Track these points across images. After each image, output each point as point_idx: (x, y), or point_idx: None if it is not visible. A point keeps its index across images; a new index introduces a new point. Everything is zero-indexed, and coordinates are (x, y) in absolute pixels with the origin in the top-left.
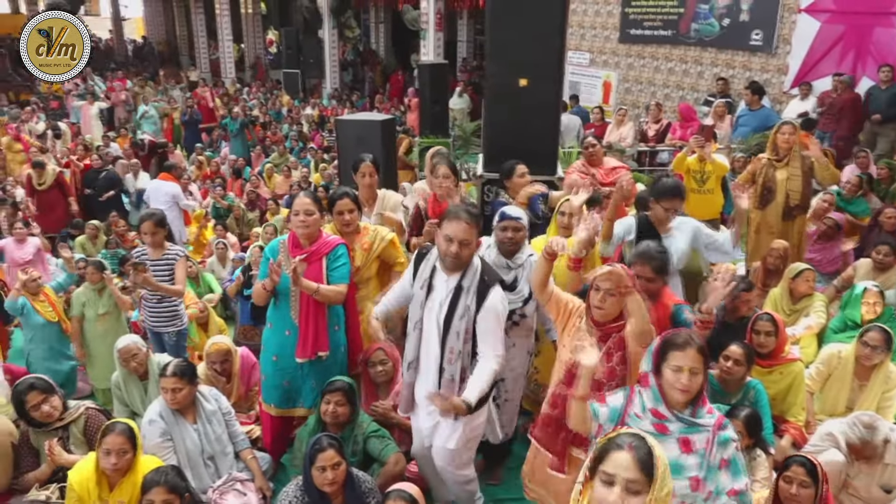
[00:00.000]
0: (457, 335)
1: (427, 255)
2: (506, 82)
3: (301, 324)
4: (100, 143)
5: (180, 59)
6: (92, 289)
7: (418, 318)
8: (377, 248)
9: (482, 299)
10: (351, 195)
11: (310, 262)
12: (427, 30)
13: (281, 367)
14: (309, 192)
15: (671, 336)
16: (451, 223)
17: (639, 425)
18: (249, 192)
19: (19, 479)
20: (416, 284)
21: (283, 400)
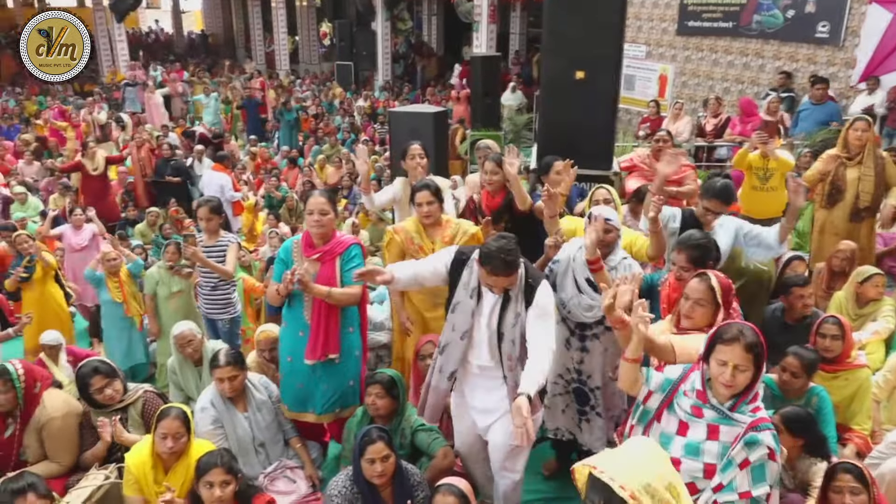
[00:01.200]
0: (512, 342)
1: (469, 262)
2: (562, 75)
3: (312, 325)
4: (159, 133)
5: (237, 51)
6: (165, 268)
7: (467, 327)
8: (459, 241)
9: (530, 301)
10: (431, 187)
11: (323, 262)
12: (480, 22)
13: (294, 369)
14: (323, 190)
15: (721, 328)
16: (490, 278)
17: (681, 402)
18: (304, 183)
19: (81, 458)
20: (464, 293)
21: (295, 402)
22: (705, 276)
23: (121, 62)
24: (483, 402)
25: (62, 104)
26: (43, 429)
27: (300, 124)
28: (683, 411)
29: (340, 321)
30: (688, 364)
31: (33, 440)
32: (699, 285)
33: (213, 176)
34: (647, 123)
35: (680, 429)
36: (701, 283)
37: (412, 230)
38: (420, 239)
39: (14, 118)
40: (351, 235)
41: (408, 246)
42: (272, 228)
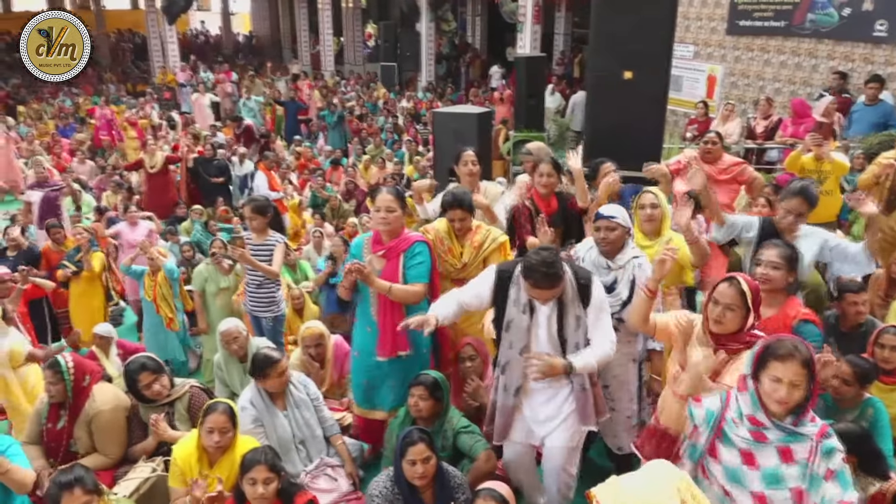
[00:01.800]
0: (575, 346)
1: (514, 279)
2: (610, 75)
3: (379, 322)
4: (207, 133)
5: (283, 52)
6: (213, 265)
7: (525, 342)
8: (487, 248)
9: (587, 299)
10: (464, 203)
11: (388, 259)
12: (524, 22)
13: (362, 364)
14: (392, 188)
15: (774, 343)
16: (534, 291)
17: (735, 432)
18: (347, 183)
19: (129, 451)
20: (515, 310)
21: (364, 399)
22: (735, 280)
23: (171, 63)
24: (544, 412)
25: (114, 104)
26: (92, 421)
27: (344, 125)
28: (742, 440)
29: (406, 318)
30: (722, 391)
31: (83, 432)
32: (729, 289)
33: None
34: (694, 125)
35: (746, 459)
36: (731, 287)
37: (443, 231)
38: (450, 241)
39: (69, 118)
40: (417, 233)
41: (438, 246)
42: (316, 227)
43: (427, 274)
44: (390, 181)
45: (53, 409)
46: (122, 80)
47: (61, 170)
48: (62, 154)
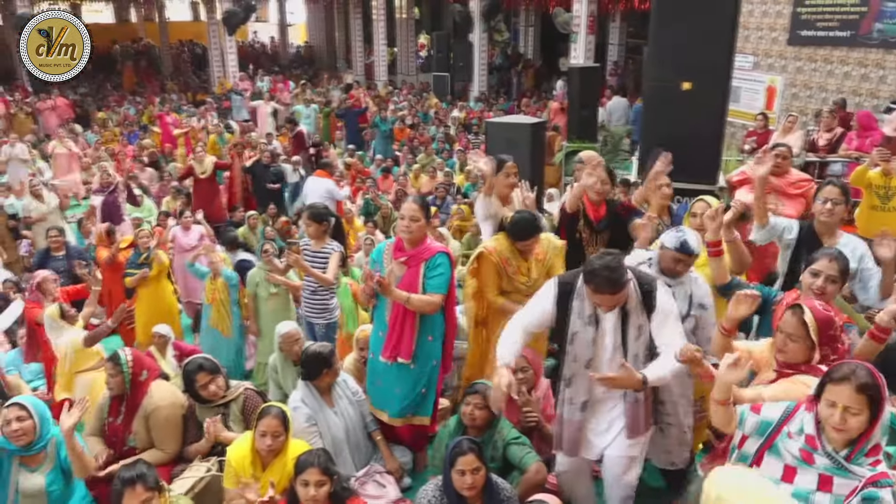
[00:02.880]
0: (636, 357)
1: (577, 291)
2: (668, 85)
3: (390, 325)
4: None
5: (337, 62)
6: (265, 269)
7: (590, 355)
8: (549, 257)
9: (651, 308)
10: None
11: (409, 266)
12: (578, 32)
13: (375, 366)
14: (417, 197)
15: (833, 367)
16: (594, 295)
17: (786, 445)
18: (398, 192)
19: (184, 449)
20: (580, 322)
21: (375, 399)
22: (799, 308)
23: (230, 73)
24: (604, 423)
25: (176, 112)
26: (150, 417)
27: (395, 134)
28: (790, 455)
29: (418, 328)
30: (792, 402)
31: (141, 427)
32: (791, 318)
33: (317, 182)
34: (753, 137)
35: (785, 474)
36: (793, 315)
37: (506, 251)
38: (516, 260)
39: (134, 125)
40: (439, 244)
41: (504, 268)
42: (368, 235)
43: (446, 285)
44: (441, 191)
45: (114, 404)
46: (183, 89)
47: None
48: (126, 160)
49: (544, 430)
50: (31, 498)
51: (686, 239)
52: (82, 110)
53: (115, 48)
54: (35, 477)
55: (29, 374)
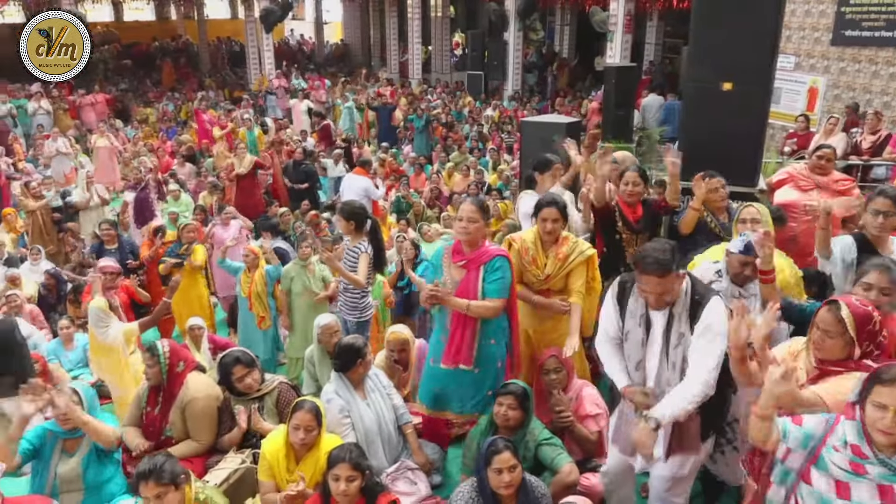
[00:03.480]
0: (673, 366)
1: (633, 291)
2: (708, 86)
3: (451, 331)
4: (297, 137)
5: (372, 60)
6: (300, 265)
7: (640, 356)
8: (573, 261)
9: (696, 317)
10: (559, 204)
11: (468, 270)
12: (615, 31)
13: (435, 372)
14: (475, 198)
15: (881, 368)
16: (641, 276)
17: (833, 459)
18: (432, 190)
19: (219, 440)
20: (632, 322)
21: (433, 402)
22: (836, 304)
23: (267, 70)
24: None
25: (213, 109)
26: (186, 408)
27: (430, 132)
28: (839, 468)
29: (479, 332)
30: (832, 414)
31: (177, 418)
32: (827, 314)
33: (353, 180)
34: (793, 139)
35: (839, 490)
36: (829, 312)
37: (529, 241)
38: (535, 251)
39: (172, 121)
40: (497, 246)
41: (522, 256)
42: (400, 232)
43: (507, 289)
44: (473, 189)
45: (152, 394)
46: (220, 86)
47: (164, 170)
48: (164, 156)
49: (577, 431)
50: (69, 482)
51: (750, 241)
52: (122, 106)
53: (155, 45)
54: (72, 461)
55: (69, 363)
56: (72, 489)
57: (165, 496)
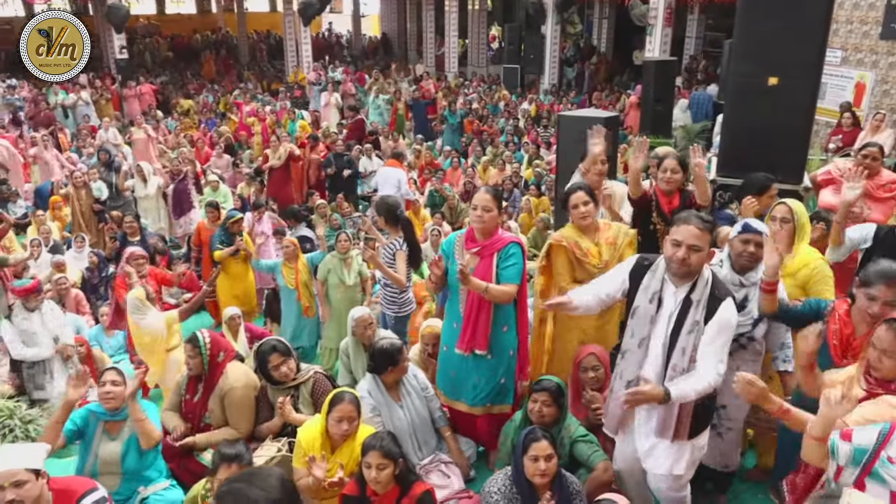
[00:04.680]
0: (682, 351)
1: (652, 266)
2: (753, 81)
3: (465, 317)
4: (334, 130)
5: (408, 53)
6: (339, 257)
7: (645, 334)
8: (621, 244)
9: (712, 313)
10: (585, 188)
11: (481, 257)
12: (654, 25)
13: (449, 358)
14: (490, 188)
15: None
16: (680, 227)
17: (889, 471)
18: (466, 184)
19: (256, 429)
20: (643, 297)
21: (449, 390)
22: (895, 322)
23: (304, 63)
24: (646, 424)
25: (252, 101)
26: (225, 397)
27: (465, 126)
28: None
29: (492, 319)
30: (886, 423)
31: (216, 406)
32: (887, 334)
33: (388, 171)
34: (838, 135)
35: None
36: (888, 331)
37: (574, 236)
38: (586, 243)
39: (211, 113)
40: (510, 234)
41: (574, 252)
42: (435, 226)
43: (519, 276)
44: (509, 184)
45: (192, 382)
46: (259, 78)
47: (203, 162)
48: (204, 148)
49: None
50: (108, 465)
51: (746, 221)
52: (163, 97)
53: (196, 38)
54: (113, 445)
55: (110, 349)
56: (111, 472)
57: None
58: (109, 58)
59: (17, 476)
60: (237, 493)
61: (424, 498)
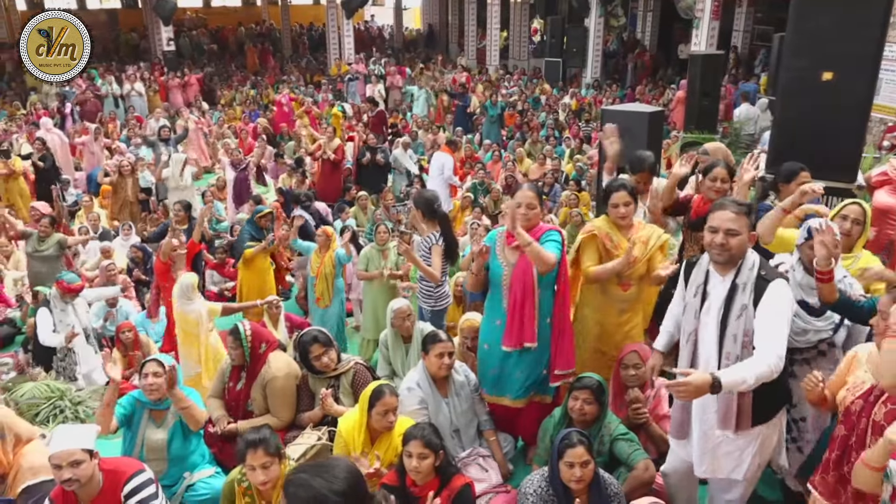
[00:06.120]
0: (734, 338)
1: (698, 262)
2: (807, 76)
3: (509, 313)
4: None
5: (449, 46)
6: (377, 249)
7: (692, 328)
8: (654, 244)
9: (760, 295)
10: (629, 187)
11: (522, 252)
12: (701, 18)
13: (491, 355)
14: (532, 185)
15: None
16: (716, 213)
17: None
18: (507, 177)
19: (298, 417)
20: (689, 292)
21: (492, 387)
22: None
23: (346, 55)
24: (702, 418)
25: (293, 93)
26: (267, 386)
27: (505, 119)
28: None
29: (538, 311)
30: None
31: (258, 395)
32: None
33: (438, 156)
34: (894, 133)
35: None
36: None
37: (606, 228)
38: (616, 237)
39: (255, 104)
40: (549, 224)
41: (604, 243)
42: (475, 220)
43: (559, 252)
44: (550, 178)
45: (235, 371)
46: (301, 71)
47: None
48: (247, 139)
49: (652, 429)
50: (154, 451)
51: (809, 225)
52: (209, 88)
53: (241, 30)
54: (159, 432)
55: (155, 334)
56: (157, 458)
57: (271, 466)
58: (157, 50)
59: (73, 456)
60: (301, 482)
61: (463, 491)
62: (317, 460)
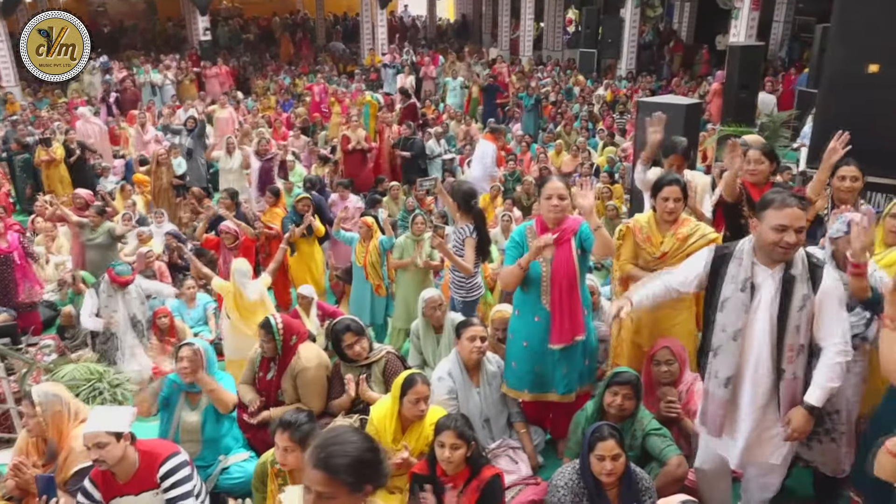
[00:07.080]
0: (796, 329)
1: (735, 253)
2: (851, 68)
3: (555, 310)
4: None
5: (482, 36)
6: (413, 240)
7: (739, 325)
8: (694, 243)
9: (817, 283)
10: (681, 183)
11: (558, 244)
12: (741, 8)
13: (531, 353)
14: (561, 177)
15: None
16: (781, 211)
17: None
18: (541, 169)
19: (329, 404)
20: (732, 287)
21: (535, 385)
22: None
23: (379, 46)
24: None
25: (327, 83)
26: (297, 376)
27: (539, 110)
28: None
29: (582, 304)
30: None
31: (289, 385)
32: None
33: (482, 144)
34: None
35: None
36: None
37: (643, 221)
38: (649, 230)
39: (288, 94)
40: (578, 217)
41: (636, 234)
42: (506, 211)
43: None
44: (585, 170)
45: (265, 361)
46: (335, 60)
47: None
48: (281, 128)
49: (684, 425)
50: (188, 433)
51: (850, 219)
52: (243, 78)
53: (275, 20)
54: (193, 414)
55: (190, 320)
56: (192, 439)
57: (292, 452)
58: (194, 39)
59: (98, 438)
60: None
61: (493, 482)
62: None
